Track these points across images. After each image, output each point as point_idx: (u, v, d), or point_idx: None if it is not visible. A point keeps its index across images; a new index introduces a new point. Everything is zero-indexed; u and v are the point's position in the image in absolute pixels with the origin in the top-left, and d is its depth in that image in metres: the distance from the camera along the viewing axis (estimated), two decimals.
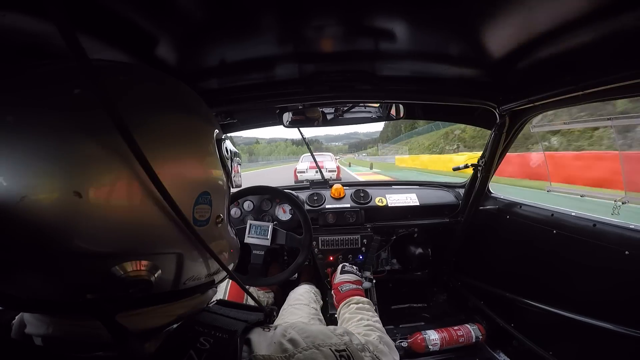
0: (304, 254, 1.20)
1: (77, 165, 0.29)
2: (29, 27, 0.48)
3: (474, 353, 1.52)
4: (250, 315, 0.43)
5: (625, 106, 7.74)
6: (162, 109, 0.37)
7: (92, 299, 0.32)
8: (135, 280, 0.33)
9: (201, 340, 0.35)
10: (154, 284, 0.35)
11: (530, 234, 1.30)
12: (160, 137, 0.35)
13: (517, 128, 1.32)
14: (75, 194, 0.29)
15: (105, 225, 0.31)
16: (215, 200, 0.42)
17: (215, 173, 0.42)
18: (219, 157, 0.43)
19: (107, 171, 0.31)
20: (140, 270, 0.34)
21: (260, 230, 1.26)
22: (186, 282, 0.40)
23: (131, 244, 0.33)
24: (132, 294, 0.33)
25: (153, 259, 0.35)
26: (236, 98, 1.08)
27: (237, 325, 0.39)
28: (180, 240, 0.37)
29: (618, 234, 0.95)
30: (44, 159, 0.28)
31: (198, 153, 0.40)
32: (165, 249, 0.36)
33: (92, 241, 0.30)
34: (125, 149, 0.30)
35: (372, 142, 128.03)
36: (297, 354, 0.39)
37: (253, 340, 0.39)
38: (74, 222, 0.29)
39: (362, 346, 0.50)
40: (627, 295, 0.93)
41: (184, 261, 0.38)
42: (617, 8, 0.56)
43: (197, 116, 0.42)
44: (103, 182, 0.30)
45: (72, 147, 0.29)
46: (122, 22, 0.57)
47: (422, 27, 0.72)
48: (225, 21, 0.63)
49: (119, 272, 0.32)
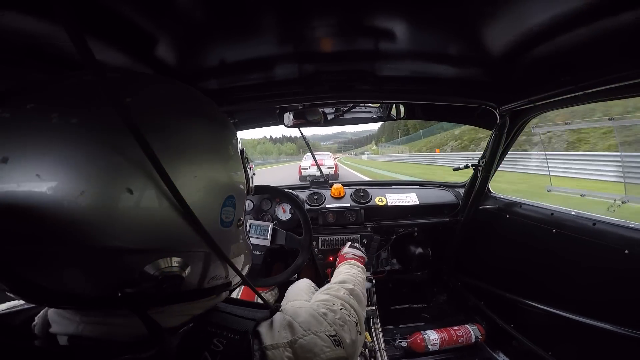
0: (304, 254, 1.20)
1: (116, 172, 0.31)
2: (28, 27, 0.48)
3: (474, 353, 1.52)
4: (257, 313, 0.45)
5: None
6: (183, 118, 0.38)
7: (128, 293, 0.32)
8: (168, 275, 0.34)
9: (214, 341, 0.36)
10: (185, 280, 0.36)
11: (530, 234, 1.30)
12: (187, 146, 0.36)
13: (518, 128, 1.32)
14: (127, 191, 0.30)
15: (141, 224, 0.32)
16: (238, 204, 0.44)
17: (238, 177, 0.45)
18: (240, 161, 0.46)
19: (140, 179, 0.32)
20: (173, 266, 0.35)
21: (260, 230, 1.26)
22: (210, 281, 0.42)
23: (164, 241, 0.34)
24: (165, 289, 0.34)
25: (184, 256, 0.36)
26: (236, 98, 1.08)
27: (247, 325, 0.41)
28: (203, 241, 0.38)
29: (618, 233, 0.95)
30: (92, 164, 0.30)
31: (224, 158, 0.42)
32: (194, 247, 0.37)
33: (129, 239, 0.31)
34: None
35: (361, 141, 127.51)
36: (299, 339, 0.43)
37: (262, 333, 0.41)
38: (114, 219, 0.30)
39: (342, 316, 0.55)
40: (627, 295, 0.93)
41: (211, 260, 0.40)
42: (617, 8, 0.56)
43: (218, 122, 0.43)
44: (136, 187, 0.31)
45: (120, 151, 0.31)
46: (122, 22, 0.57)
47: (422, 27, 0.72)
48: (225, 21, 0.63)
49: (153, 268, 0.34)
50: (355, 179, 7.84)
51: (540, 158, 8.62)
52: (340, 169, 16.13)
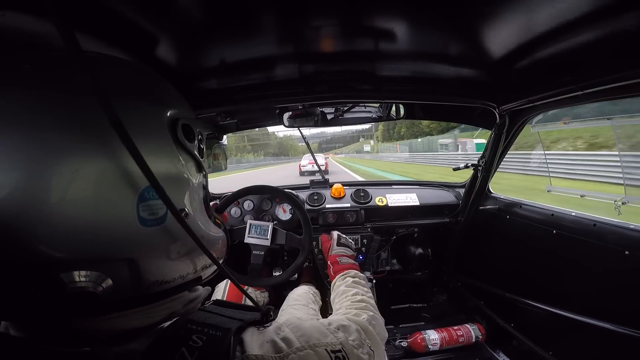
0: (304, 254, 1.20)
1: (35, 157, 0.28)
2: (28, 27, 0.48)
3: (474, 353, 1.52)
4: (246, 315, 0.42)
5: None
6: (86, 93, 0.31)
7: (43, 306, 0.31)
8: (79, 292, 0.31)
9: (194, 337, 0.34)
10: (101, 294, 0.32)
11: (530, 234, 1.30)
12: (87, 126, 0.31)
13: (517, 128, 1.32)
14: (60, 193, 0.28)
15: (61, 225, 0.29)
16: (175, 193, 0.37)
17: (165, 162, 0.37)
18: (174, 142, 0.39)
19: (68, 163, 0.29)
20: (85, 281, 0.32)
21: (260, 230, 1.26)
22: (151, 287, 0.37)
23: (80, 250, 0.31)
24: (78, 304, 0.32)
25: (101, 268, 0.32)
26: (236, 98, 1.08)
27: (232, 323, 0.38)
28: (131, 244, 0.34)
29: (618, 233, 0.95)
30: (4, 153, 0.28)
31: (139, 141, 0.31)
32: (115, 254, 0.33)
33: (46, 244, 0.29)
34: (93, 139, 0.29)
35: (344, 140, 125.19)
36: (292, 354, 0.38)
37: (245, 340, 0.38)
38: (28, 223, 0.28)
39: (360, 341, 0.49)
40: (627, 295, 0.93)
41: (140, 266, 0.35)
42: (617, 8, 0.56)
43: (137, 96, 0.37)
44: (62, 175, 0.29)
45: (31, 140, 0.29)
46: (122, 22, 0.57)
47: (422, 27, 0.72)
48: (225, 21, 0.62)
49: (67, 280, 0.31)
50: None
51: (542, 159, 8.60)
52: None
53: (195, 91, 0.98)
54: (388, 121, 1.55)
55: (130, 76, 0.40)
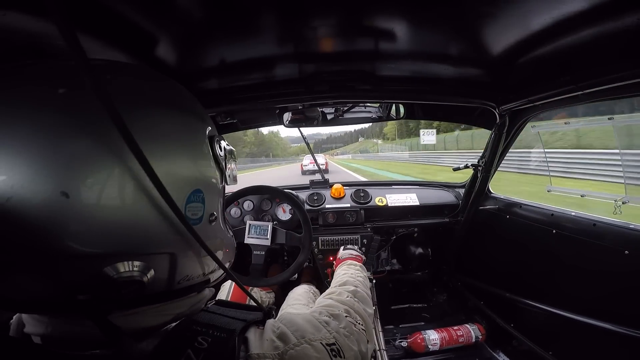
0: (305, 253, 1.20)
1: (65, 164, 0.29)
2: (28, 26, 0.48)
3: (474, 353, 1.52)
4: (249, 315, 0.43)
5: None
6: (154, 106, 0.37)
7: (84, 299, 0.31)
8: (127, 281, 0.33)
9: (199, 339, 0.34)
10: (147, 284, 0.35)
11: (530, 234, 1.30)
12: (152, 134, 0.35)
13: (517, 128, 1.32)
14: (62, 194, 0.28)
15: (96, 225, 0.30)
16: (208, 198, 0.42)
17: (207, 171, 0.42)
18: (212, 155, 0.43)
19: (97, 169, 0.30)
20: (133, 271, 0.33)
21: (260, 230, 1.26)
22: (180, 282, 0.40)
23: (123, 244, 0.32)
24: (124, 295, 0.33)
25: (146, 259, 0.35)
26: (236, 98, 1.08)
27: (236, 324, 0.39)
28: (174, 240, 0.37)
29: (618, 233, 0.95)
30: (31, 158, 0.28)
31: (190, 150, 0.40)
32: (158, 249, 0.36)
33: (83, 241, 0.30)
34: (116, 146, 0.30)
35: (340, 140, 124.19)
36: (290, 350, 0.39)
37: (250, 339, 0.39)
38: (63, 222, 0.29)
39: (351, 328, 0.52)
40: (627, 295, 0.93)
41: (178, 261, 0.38)
42: (617, 8, 0.56)
43: (189, 113, 0.42)
44: (93, 180, 0.30)
45: (59, 146, 0.29)
46: (122, 22, 0.57)
47: (422, 27, 0.72)
48: (225, 21, 0.63)
49: (112, 273, 0.32)
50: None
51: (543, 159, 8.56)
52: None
53: (195, 91, 0.98)
54: (388, 120, 1.55)
55: (180, 95, 0.44)
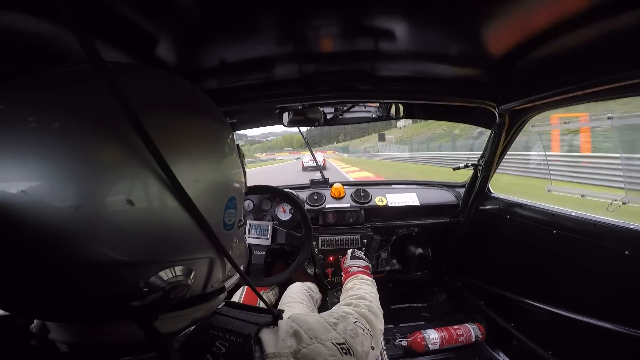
0: (305, 252, 1.20)
1: (105, 175, 0.28)
2: (28, 27, 0.48)
3: (474, 352, 1.52)
4: (260, 318, 0.44)
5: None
6: (185, 114, 0.36)
7: (134, 306, 0.31)
8: (175, 285, 0.34)
9: (217, 344, 0.36)
10: (189, 288, 0.36)
11: (530, 234, 1.30)
12: (188, 144, 0.35)
13: (517, 127, 1.32)
14: (128, 202, 0.28)
15: (142, 234, 0.30)
16: (239, 204, 0.43)
17: (237, 176, 0.43)
18: (238, 159, 0.44)
19: (139, 182, 0.29)
20: (178, 275, 0.34)
21: (260, 230, 1.26)
22: (213, 285, 0.42)
23: (167, 253, 0.33)
24: (172, 299, 0.33)
25: (188, 263, 0.35)
26: (236, 98, 1.08)
27: (250, 328, 0.40)
28: (210, 246, 0.37)
29: (618, 234, 0.95)
30: (71, 166, 0.26)
31: (222, 157, 0.40)
32: (200, 254, 0.37)
33: (129, 251, 0.29)
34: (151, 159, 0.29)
35: (331, 138, 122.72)
36: (303, 349, 0.41)
37: (264, 340, 0.40)
38: (110, 230, 0.28)
39: (356, 331, 0.54)
40: (627, 295, 0.93)
41: (214, 265, 0.39)
42: (617, 7, 0.56)
43: (213, 118, 0.41)
44: (134, 190, 0.29)
45: (99, 156, 0.28)
46: (122, 22, 0.57)
47: (422, 27, 0.72)
48: (225, 21, 0.62)
49: (159, 279, 0.33)
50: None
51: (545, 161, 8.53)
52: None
53: None
54: (388, 120, 1.55)
55: (207, 101, 0.43)
